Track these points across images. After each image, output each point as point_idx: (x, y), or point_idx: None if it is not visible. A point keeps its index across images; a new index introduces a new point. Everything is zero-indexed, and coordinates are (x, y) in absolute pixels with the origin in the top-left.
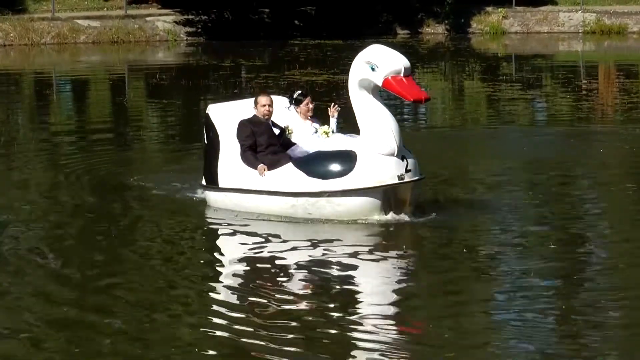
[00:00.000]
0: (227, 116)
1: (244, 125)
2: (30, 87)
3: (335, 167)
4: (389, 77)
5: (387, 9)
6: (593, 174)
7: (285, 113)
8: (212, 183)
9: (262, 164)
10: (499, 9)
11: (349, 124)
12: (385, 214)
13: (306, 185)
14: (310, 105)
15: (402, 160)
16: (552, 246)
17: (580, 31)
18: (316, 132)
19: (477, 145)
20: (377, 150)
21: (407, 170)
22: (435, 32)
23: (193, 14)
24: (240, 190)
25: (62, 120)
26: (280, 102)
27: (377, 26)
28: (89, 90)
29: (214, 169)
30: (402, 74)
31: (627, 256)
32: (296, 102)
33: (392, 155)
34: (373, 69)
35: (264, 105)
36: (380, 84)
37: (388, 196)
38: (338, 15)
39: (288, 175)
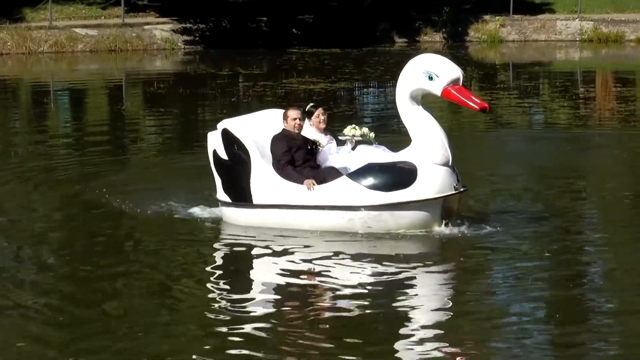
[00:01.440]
0: (250, 130)
1: (279, 140)
2: (28, 95)
3: (396, 179)
4: (449, 87)
5: (385, 17)
6: (591, 182)
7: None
8: (242, 200)
9: (309, 179)
10: (497, 17)
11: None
12: (441, 225)
13: (367, 199)
14: (322, 117)
15: (453, 170)
16: (547, 254)
17: (577, 39)
18: (343, 142)
19: (474, 151)
20: (433, 160)
21: (458, 180)
22: (433, 40)
23: (191, 23)
24: (285, 207)
25: (60, 128)
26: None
27: (374, 34)
28: (87, 99)
29: (244, 185)
30: (460, 83)
31: (624, 265)
32: (308, 115)
33: (447, 165)
34: (431, 78)
35: (295, 119)
36: (439, 93)
37: (444, 207)
38: (336, 24)
39: (344, 189)
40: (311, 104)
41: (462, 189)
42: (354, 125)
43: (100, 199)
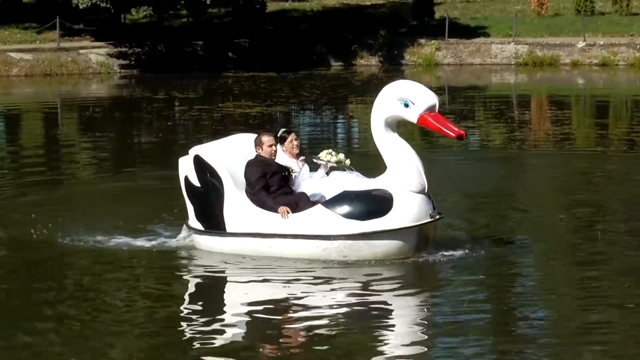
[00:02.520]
0: (223, 156)
1: (254, 166)
2: None
3: (372, 207)
4: (425, 114)
5: (321, 41)
6: (526, 205)
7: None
8: (215, 228)
9: (284, 206)
10: (432, 41)
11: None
12: (418, 253)
13: (343, 227)
14: (295, 142)
15: (429, 198)
16: (481, 276)
17: (512, 63)
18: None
19: None
20: (409, 188)
21: (434, 207)
22: (368, 64)
23: (126, 47)
24: (259, 235)
25: None
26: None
27: (311, 58)
28: (22, 123)
29: (217, 213)
30: (435, 110)
31: (561, 285)
32: (280, 140)
33: (423, 192)
34: (407, 106)
35: (271, 145)
36: (415, 120)
37: (420, 234)
38: (272, 48)
39: (319, 218)
40: (283, 130)
41: (437, 217)
42: (330, 151)
43: (36, 225)
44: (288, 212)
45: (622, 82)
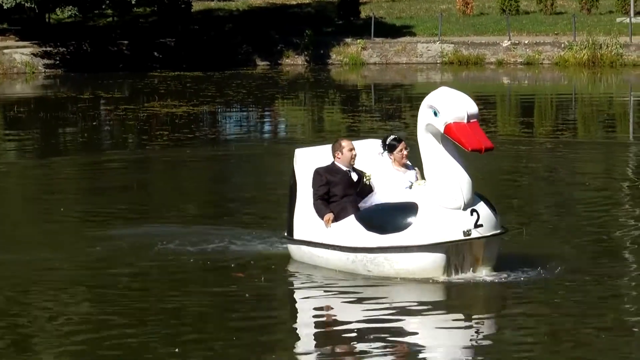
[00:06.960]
0: (308, 162)
1: (318, 174)
2: None
3: (393, 220)
4: (451, 123)
5: (247, 40)
6: None
7: (377, 160)
8: (289, 234)
9: (329, 213)
10: (358, 40)
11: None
12: (452, 274)
13: (364, 240)
14: (405, 152)
15: (472, 214)
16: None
17: (438, 62)
18: (410, 186)
19: None
20: (441, 203)
21: (477, 225)
22: (295, 63)
23: (51, 46)
24: (310, 244)
25: None
26: (365, 146)
27: (236, 57)
28: None
29: (290, 219)
30: (465, 120)
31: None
32: (389, 148)
33: (458, 209)
34: (435, 114)
35: (352, 150)
36: (442, 130)
37: (454, 253)
38: (197, 47)
39: (349, 228)
40: (392, 137)
41: (476, 235)
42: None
43: None
44: (330, 221)
45: (547, 80)
